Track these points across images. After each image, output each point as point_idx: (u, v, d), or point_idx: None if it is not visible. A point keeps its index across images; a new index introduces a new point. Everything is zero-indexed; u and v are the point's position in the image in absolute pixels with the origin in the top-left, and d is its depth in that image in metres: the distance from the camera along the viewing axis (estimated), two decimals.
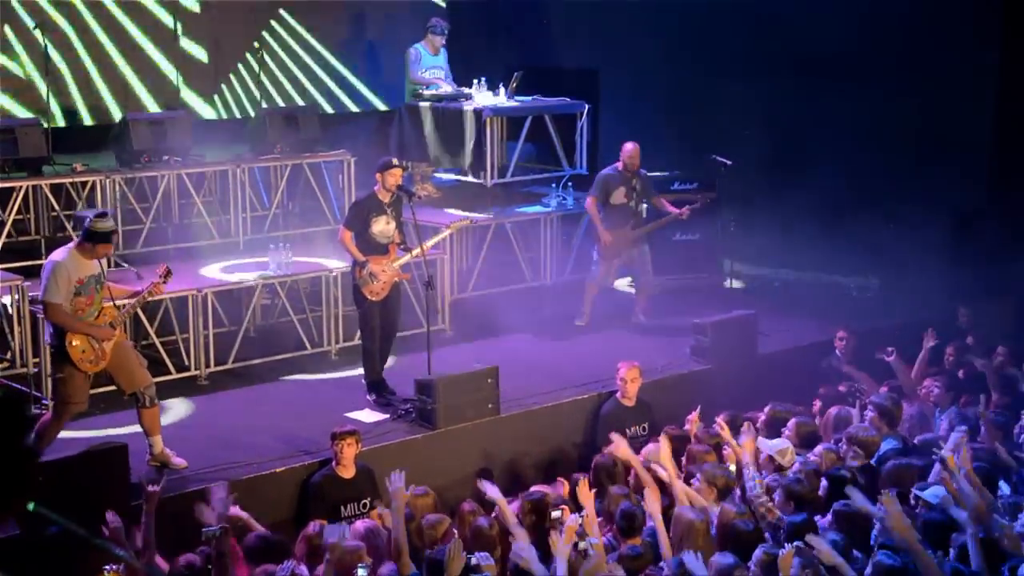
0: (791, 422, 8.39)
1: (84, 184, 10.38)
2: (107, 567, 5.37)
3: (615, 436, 7.76)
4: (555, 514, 6.61)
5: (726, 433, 7.84)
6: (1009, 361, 9.60)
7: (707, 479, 7.28)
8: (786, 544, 6.08)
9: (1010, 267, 11.07)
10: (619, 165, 10.95)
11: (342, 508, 7.58)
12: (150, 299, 7.91)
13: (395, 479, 6.51)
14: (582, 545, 6.27)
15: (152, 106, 12.42)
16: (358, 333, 9.55)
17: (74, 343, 7.34)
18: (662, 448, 7.51)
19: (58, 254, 7.41)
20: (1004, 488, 7.18)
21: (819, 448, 7.87)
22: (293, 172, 11.65)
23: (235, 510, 6.75)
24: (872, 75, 12.47)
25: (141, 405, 7.61)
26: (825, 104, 12.60)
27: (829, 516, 6.68)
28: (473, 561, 5.77)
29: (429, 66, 12.37)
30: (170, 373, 9.36)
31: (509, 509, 6.85)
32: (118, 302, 7.71)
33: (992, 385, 9.29)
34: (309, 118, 11.78)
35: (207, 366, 9.57)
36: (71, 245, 7.47)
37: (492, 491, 6.91)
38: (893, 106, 12.32)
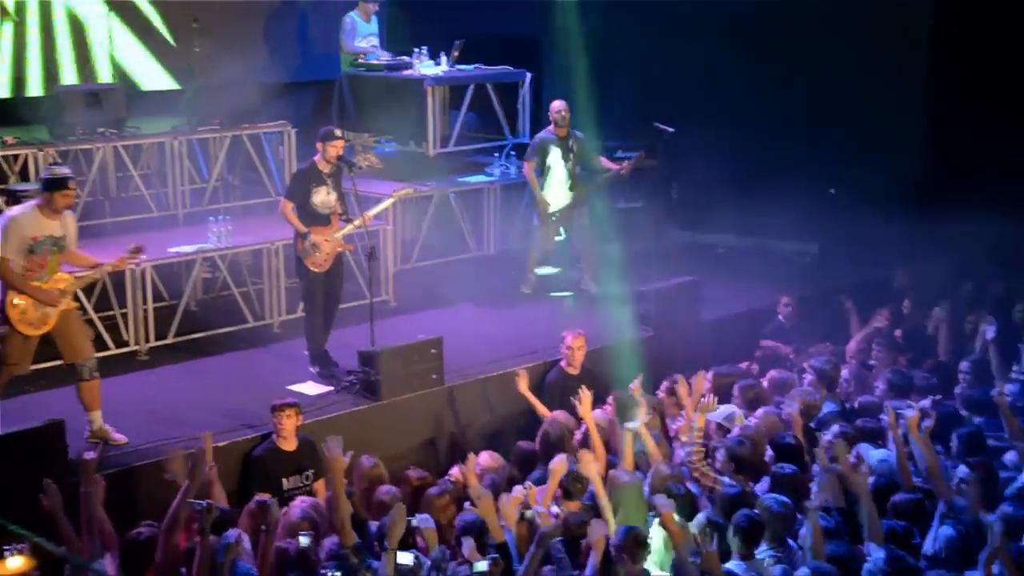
0: (736, 387, 8.48)
1: (16, 157, 10.18)
2: (7, 547, 4.98)
3: (583, 393, 7.77)
4: (517, 489, 6.62)
5: (683, 390, 7.92)
6: (946, 321, 9.74)
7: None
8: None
9: (946, 229, 11.22)
10: (552, 127, 10.91)
11: (284, 481, 7.55)
12: (111, 272, 7.78)
13: (332, 446, 6.46)
14: (528, 514, 6.31)
15: (85, 78, 12.17)
16: (301, 305, 9.48)
17: (15, 302, 7.20)
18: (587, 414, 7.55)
19: (15, 209, 7.34)
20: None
21: (760, 411, 7.96)
22: (233, 144, 11.50)
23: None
24: (808, 40, 12.54)
25: (81, 378, 7.51)
26: (762, 70, 12.68)
27: (767, 480, 6.77)
28: (414, 523, 5.78)
29: (365, 34, 12.24)
30: (109, 348, 9.23)
31: (474, 476, 6.87)
32: (76, 272, 7.57)
33: (943, 346, 9.43)
34: (247, 89, 11.60)
35: (147, 341, 9.45)
36: (32, 202, 7.34)
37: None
38: (829, 71, 12.42)
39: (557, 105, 10.85)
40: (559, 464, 6.78)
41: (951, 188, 12.07)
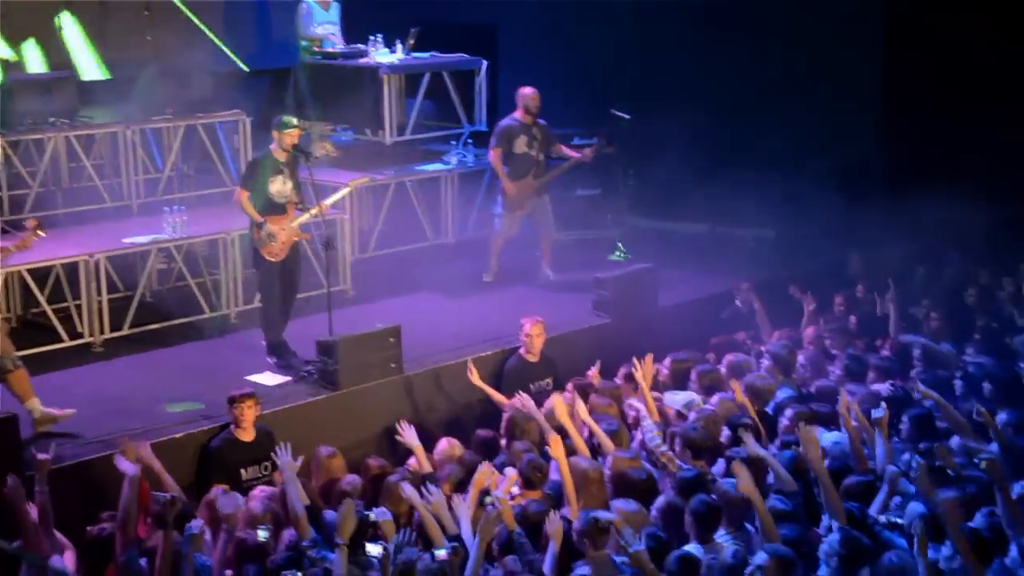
0: (693, 372, 8.53)
1: None
2: None
3: (521, 395, 7.80)
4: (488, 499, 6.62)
5: (639, 375, 7.95)
6: (898, 306, 9.84)
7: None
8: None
9: (899, 214, 11.34)
10: (517, 114, 10.90)
11: (242, 472, 7.52)
12: (17, 251, 7.65)
13: (281, 455, 6.45)
14: (487, 500, 6.32)
15: (37, 67, 11.99)
16: (258, 295, 9.43)
17: None
18: (578, 404, 7.57)
19: None
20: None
21: (716, 397, 8.01)
22: (187, 133, 11.38)
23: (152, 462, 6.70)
24: (765, 27, 12.62)
25: (5, 371, 7.39)
26: (720, 57, 12.73)
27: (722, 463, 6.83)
28: (372, 517, 5.77)
29: (321, 21, 12.15)
30: (63, 341, 9.14)
31: (425, 456, 6.86)
32: None
33: (894, 327, 9.53)
34: (201, 78, 11.51)
35: (102, 332, 9.36)
36: None
37: (409, 434, 6.92)
38: (786, 58, 12.49)
39: (529, 92, 10.83)
40: (481, 475, 6.72)
41: (906, 174, 12.22)
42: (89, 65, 12.38)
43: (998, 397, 7.94)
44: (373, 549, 5.62)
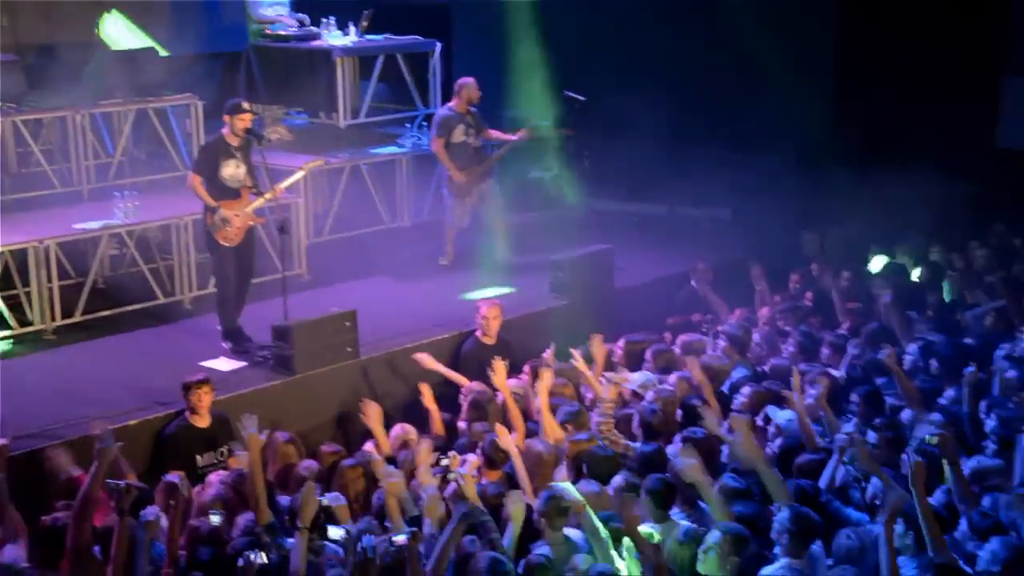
0: (648, 352, 8.56)
1: None
2: None
3: (497, 364, 7.77)
4: (444, 461, 6.62)
5: (581, 365, 7.96)
6: (853, 285, 9.94)
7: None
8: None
9: (853, 194, 11.44)
10: (453, 103, 10.86)
11: (198, 458, 7.48)
12: None
13: (247, 425, 6.40)
14: (451, 476, 6.33)
15: None
16: (212, 280, 9.35)
17: None
18: (543, 377, 7.56)
19: None
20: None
21: (673, 376, 8.05)
22: (137, 117, 11.24)
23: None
24: (717, 7, 12.65)
25: None
26: (676, 39, 12.76)
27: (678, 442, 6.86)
28: (324, 502, 5.76)
29: (272, 2, 12.04)
30: (13, 328, 9.02)
31: (385, 438, 6.84)
32: None
33: (840, 311, 9.62)
34: (151, 61, 11.36)
35: (53, 320, 9.25)
36: None
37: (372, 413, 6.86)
38: (741, 39, 12.53)
39: (471, 82, 10.78)
40: (423, 451, 6.72)
41: (859, 154, 12.31)
42: (40, 48, 12.15)
43: (945, 373, 8.03)
44: (335, 532, 5.60)
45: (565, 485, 6.07)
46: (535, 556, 5.66)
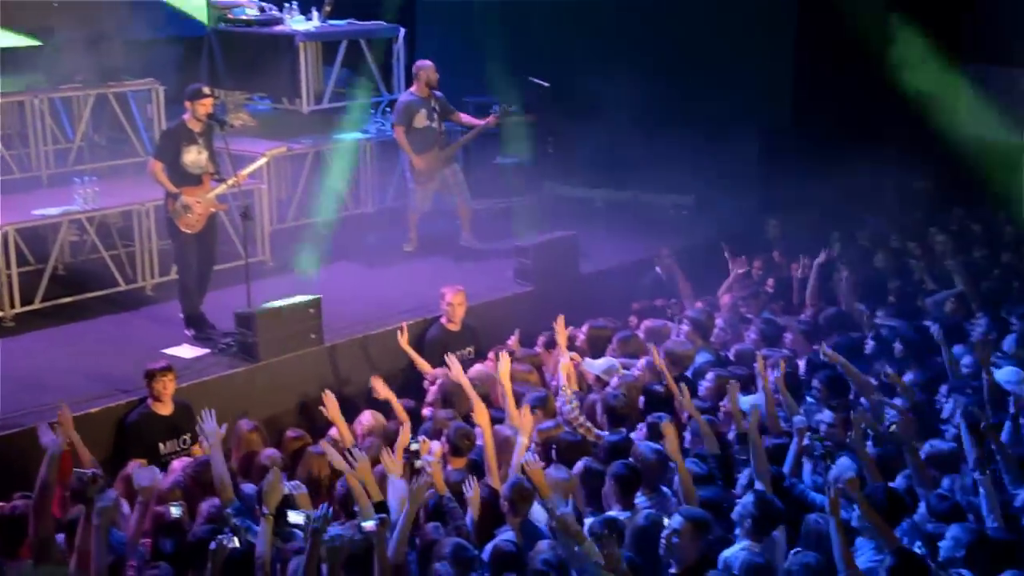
0: (614, 339, 8.59)
1: None
2: None
3: (449, 358, 7.79)
4: (414, 446, 6.62)
5: (544, 353, 7.97)
6: (813, 271, 9.99)
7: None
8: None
9: (814, 180, 11.51)
10: (415, 88, 10.82)
11: (161, 446, 7.43)
12: None
13: (206, 421, 6.38)
14: (418, 463, 6.33)
15: None
16: (174, 267, 9.28)
17: None
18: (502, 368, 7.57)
19: None
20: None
21: (641, 362, 8.08)
22: (97, 102, 11.12)
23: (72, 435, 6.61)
24: None
25: None
26: (638, 25, 12.77)
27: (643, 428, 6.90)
28: (285, 490, 5.75)
29: None
30: None
31: (347, 429, 6.84)
32: None
33: (809, 296, 9.68)
34: (111, 45, 11.21)
35: (12, 307, 9.15)
36: None
37: (332, 405, 6.85)
38: (703, 26, 12.58)
39: (428, 65, 10.76)
40: (403, 436, 6.72)
41: (818, 139, 12.38)
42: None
43: (908, 358, 8.12)
44: (295, 517, 5.59)
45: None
46: (502, 542, 5.67)
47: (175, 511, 5.85)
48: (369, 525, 5.38)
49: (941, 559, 5.64)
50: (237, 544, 5.32)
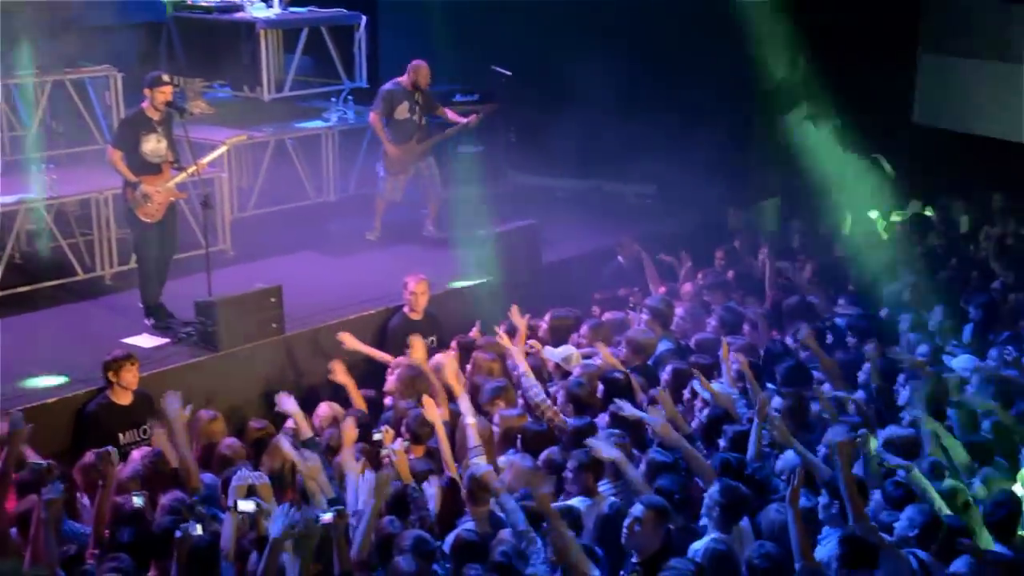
0: (584, 327, 8.60)
1: None
2: None
3: (413, 339, 7.78)
4: (376, 436, 6.60)
5: (505, 341, 7.98)
6: (774, 260, 10.07)
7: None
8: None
9: (776, 170, 11.59)
10: (403, 80, 10.79)
11: (120, 436, 7.37)
12: None
13: (171, 402, 6.33)
14: (383, 452, 6.32)
15: None
16: (133, 256, 9.20)
17: None
18: (449, 362, 7.57)
19: None
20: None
21: (602, 352, 8.10)
22: (54, 89, 10.98)
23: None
24: None
25: None
26: (604, 14, 12.75)
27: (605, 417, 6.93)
28: (249, 481, 5.73)
29: None
30: None
31: (305, 422, 6.83)
32: None
33: (769, 284, 9.76)
34: (68, 31, 11.07)
35: None
36: None
37: (289, 404, 6.87)
38: (664, 17, 12.57)
39: (424, 68, 10.68)
40: (348, 428, 6.72)
41: (780, 129, 12.46)
42: None
43: (862, 346, 8.20)
44: (245, 505, 5.56)
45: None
46: (464, 532, 5.68)
47: (137, 500, 5.81)
48: (327, 517, 5.36)
49: (894, 538, 5.72)
50: (200, 532, 5.29)
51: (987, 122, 13.20)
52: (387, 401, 7.81)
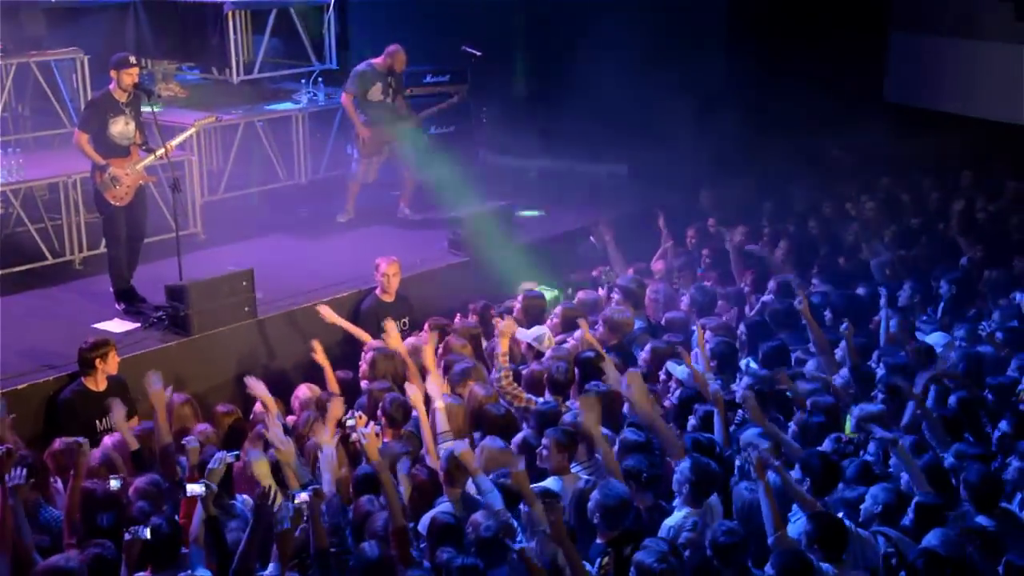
0: (557, 308, 8.60)
1: None
2: None
3: (387, 323, 7.76)
4: (349, 421, 6.58)
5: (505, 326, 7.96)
6: (746, 240, 10.10)
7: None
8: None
9: (747, 150, 11.60)
10: (377, 62, 10.73)
11: (97, 423, 7.29)
12: None
13: (153, 381, 6.29)
14: (353, 437, 6.31)
15: None
16: (103, 241, 9.12)
17: None
18: (427, 346, 7.54)
19: None
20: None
21: (578, 332, 8.10)
22: (20, 72, 10.84)
23: None
24: None
25: None
26: None
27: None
28: (228, 459, 5.73)
29: None
30: None
31: (275, 407, 6.80)
32: None
33: (734, 264, 9.78)
34: (32, 12, 10.93)
35: None
36: None
37: (259, 388, 6.85)
38: None
39: (402, 55, 10.67)
40: (334, 408, 6.74)
41: (751, 108, 12.48)
42: None
43: (838, 324, 8.24)
44: (195, 488, 5.55)
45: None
46: (440, 514, 5.68)
47: (114, 483, 5.78)
48: (303, 496, 5.37)
49: (861, 519, 5.77)
50: (148, 536, 5.26)
51: (958, 100, 13.28)
52: (363, 384, 7.78)
